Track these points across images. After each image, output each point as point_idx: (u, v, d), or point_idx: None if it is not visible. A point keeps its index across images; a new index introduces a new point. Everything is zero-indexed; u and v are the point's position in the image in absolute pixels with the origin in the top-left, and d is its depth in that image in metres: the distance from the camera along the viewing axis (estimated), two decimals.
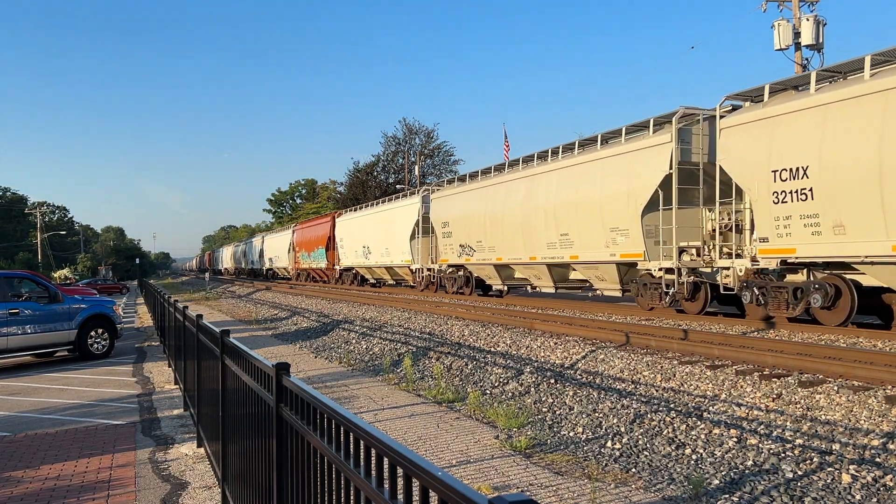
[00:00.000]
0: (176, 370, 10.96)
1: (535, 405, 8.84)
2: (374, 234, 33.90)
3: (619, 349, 10.71)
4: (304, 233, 50.27)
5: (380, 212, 34.22)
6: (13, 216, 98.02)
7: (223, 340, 4.80)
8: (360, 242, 36.33)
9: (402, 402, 9.31)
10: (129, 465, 6.78)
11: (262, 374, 3.46)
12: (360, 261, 36.56)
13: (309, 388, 2.65)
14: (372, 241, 34.25)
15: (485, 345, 12.94)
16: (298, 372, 12.04)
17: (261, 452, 3.55)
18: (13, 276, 15.87)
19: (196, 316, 6.83)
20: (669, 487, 5.64)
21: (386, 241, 32.57)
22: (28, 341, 14.39)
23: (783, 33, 23.98)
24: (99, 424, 8.68)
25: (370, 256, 34.83)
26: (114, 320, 15.92)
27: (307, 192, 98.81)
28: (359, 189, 66.84)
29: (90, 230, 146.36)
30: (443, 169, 66.61)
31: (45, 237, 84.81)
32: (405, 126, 68.96)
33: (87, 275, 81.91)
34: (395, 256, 31.81)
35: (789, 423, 6.74)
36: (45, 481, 6.29)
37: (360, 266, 37.11)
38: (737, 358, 9.27)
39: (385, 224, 32.76)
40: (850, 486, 5.26)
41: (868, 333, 11.34)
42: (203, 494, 5.82)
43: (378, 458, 1.94)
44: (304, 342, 17.05)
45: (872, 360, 8.34)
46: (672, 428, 7.12)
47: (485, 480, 5.86)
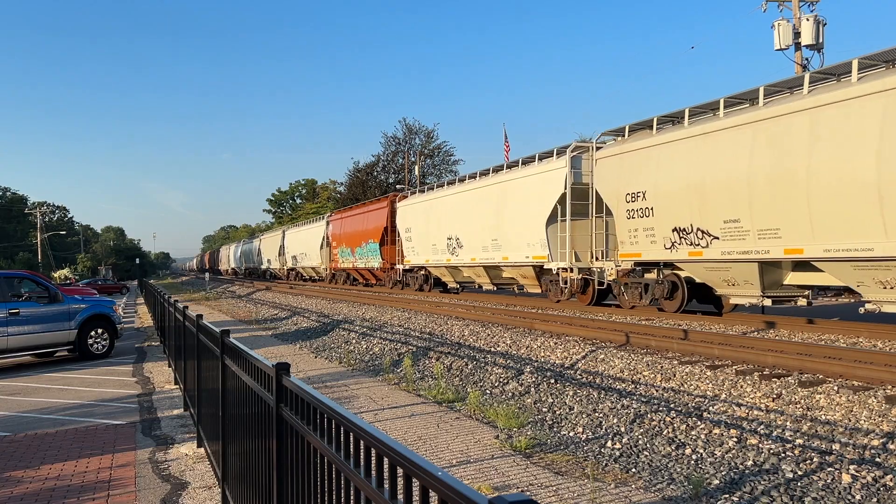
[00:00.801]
0: (176, 370, 10.96)
1: (535, 405, 8.83)
2: (472, 220, 24.78)
3: (619, 349, 10.71)
4: (347, 223, 40.47)
5: (483, 187, 24.49)
6: (13, 216, 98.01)
7: (223, 340, 4.79)
8: (441, 233, 27.31)
9: (402, 402, 9.31)
10: (129, 465, 6.78)
11: (262, 374, 3.46)
12: (441, 258, 27.48)
13: (309, 388, 2.65)
14: (467, 230, 25.15)
15: (485, 345, 12.94)
16: (298, 372, 12.04)
17: (261, 452, 3.55)
18: (13, 276, 15.87)
19: (196, 316, 6.83)
20: (669, 487, 5.64)
21: (496, 228, 23.12)
22: (28, 341, 14.39)
23: (783, 33, 23.99)
24: (99, 424, 8.68)
25: (460, 252, 25.89)
26: (114, 320, 15.92)
27: (307, 192, 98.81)
28: (359, 189, 66.85)
29: (90, 230, 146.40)
30: (443, 169, 66.66)
31: (45, 237, 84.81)
32: (405, 126, 69.02)
33: (87, 275, 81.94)
34: (515, 250, 22.17)
35: (789, 423, 6.74)
36: (45, 481, 6.29)
37: (440, 265, 27.85)
38: (737, 358, 9.27)
39: (493, 204, 23.42)
40: (850, 486, 5.26)
41: (868, 333, 11.35)
42: (203, 494, 5.82)
43: (378, 458, 1.94)
44: (304, 342, 17.05)
45: (872, 360, 8.34)
46: (672, 428, 7.12)
47: (485, 480, 5.86)
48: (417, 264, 30.43)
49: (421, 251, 30.01)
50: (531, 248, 20.98)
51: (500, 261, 22.93)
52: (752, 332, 12.40)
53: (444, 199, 27.90)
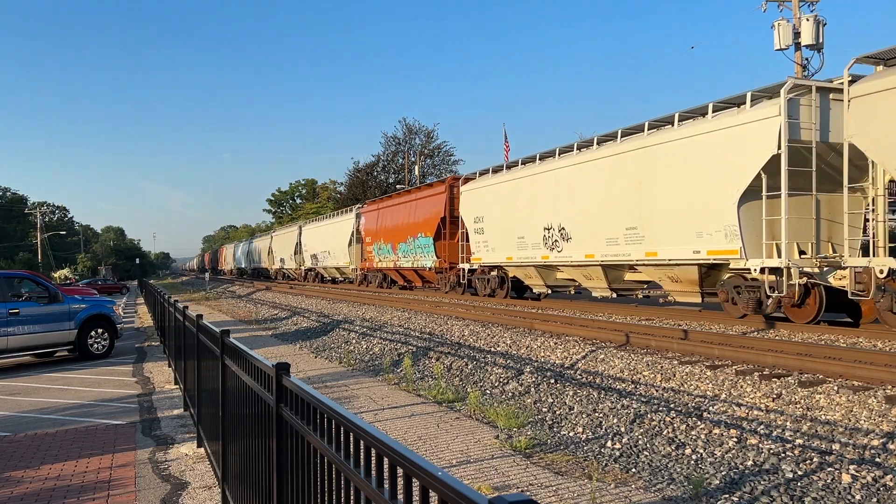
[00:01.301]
0: (176, 370, 10.96)
1: (535, 405, 8.83)
2: (589, 202, 17.91)
3: (619, 349, 10.71)
4: (387, 215, 33.16)
5: (611, 156, 17.31)
6: (13, 216, 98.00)
7: (223, 340, 4.80)
8: (533, 221, 20.63)
9: (402, 402, 9.31)
10: (129, 465, 6.78)
11: (262, 374, 3.46)
12: (532, 255, 20.88)
13: (309, 388, 2.65)
14: (579, 216, 18.49)
15: (485, 345, 12.94)
16: (298, 372, 12.04)
17: (261, 452, 3.55)
18: (13, 276, 15.87)
19: (196, 316, 6.84)
20: (669, 487, 5.64)
21: (633, 211, 16.33)
22: (28, 341, 14.39)
23: (783, 33, 23.99)
24: (99, 424, 8.68)
25: (565, 246, 19.25)
26: (114, 320, 15.92)
27: (307, 192, 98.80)
28: (359, 189, 66.85)
29: (90, 230, 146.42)
30: (443, 169, 66.63)
31: (45, 237, 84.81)
32: (405, 126, 69.01)
33: (87, 275, 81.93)
34: (670, 244, 15.29)
35: (789, 423, 6.74)
36: (45, 481, 6.29)
37: (528, 263, 21.29)
38: (737, 358, 9.27)
39: (630, 177, 16.46)
40: (850, 486, 5.26)
41: (868, 333, 11.34)
42: (203, 494, 5.82)
43: (378, 458, 1.94)
44: (304, 342, 17.05)
45: (872, 360, 8.34)
46: (672, 428, 7.12)
47: (485, 480, 5.86)
48: (491, 263, 23.40)
49: (498, 246, 22.43)
50: (705, 240, 14.11)
51: (640, 257, 16.05)
52: (752, 332, 12.40)
53: (540, 176, 20.30)
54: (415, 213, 30.03)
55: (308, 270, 49.74)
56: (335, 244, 41.63)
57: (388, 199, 35.14)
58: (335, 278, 45.69)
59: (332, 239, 42.30)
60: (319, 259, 45.31)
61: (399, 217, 31.70)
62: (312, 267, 47.53)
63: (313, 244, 46.70)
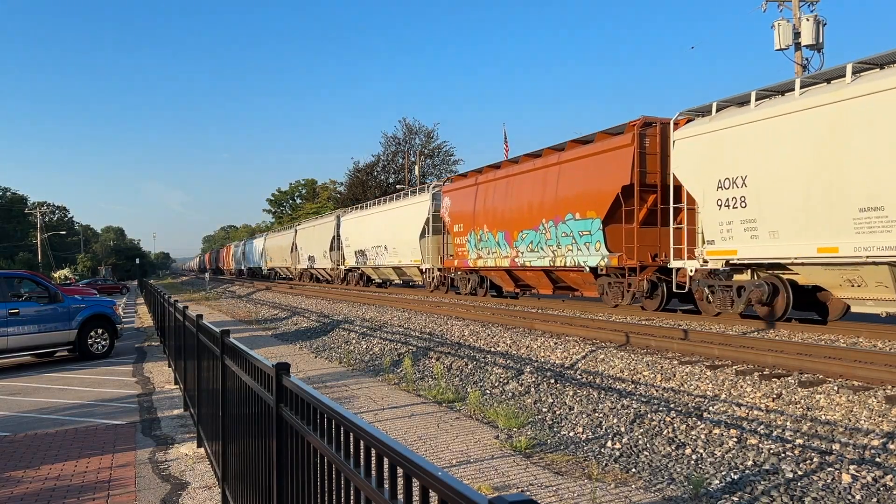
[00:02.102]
0: (176, 370, 10.96)
1: (535, 405, 8.83)
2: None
3: (619, 349, 10.71)
4: (499, 191, 22.84)
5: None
6: (13, 216, 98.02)
7: (223, 340, 4.80)
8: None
9: (402, 402, 9.31)
10: (129, 465, 6.78)
11: (262, 374, 3.46)
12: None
13: (309, 388, 2.65)
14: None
15: (485, 345, 12.94)
16: (298, 372, 12.04)
17: (261, 452, 3.55)
18: (13, 276, 15.88)
19: (196, 316, 6.84)
20: (669, 487, 5.64)
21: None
22: (28, 341, 14.39)
23: (783, 33, 24.00)
24: (99, 424, 8.68)
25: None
26: (114, 320, 15.92)
27: (307, 192, 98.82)
28: (359, 189, 66.87)
29: (90, 230, 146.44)
30: (443, 169, 66.65)
31: (45, 237, 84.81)
32: (405, 126, 69.05)
33: (87, 275, 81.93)
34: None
35: (789, 423, 6.74)
36: (45, 481, 6.29)
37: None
38: (737, 358, 9.27)
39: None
40: (850, 486, 5.26)
41: (868, 333, 11.35)
42: (203, 494, 5.82)
43: (378, 458, 1.94)
44: (304, 342, 17.05)
45: (872, 360, 8.34)
46: (672, 428, 7.12)
47: (485, 480, 5.86)
48: (769, 258, 12.87)
49: (790, 227, 12.31)
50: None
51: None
52: (752, 332, 12.40)
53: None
54: (557, 184, 19.41)
55: (350, 271, 40.53)
56: (395, 237, 31.92)
57: (495, 169, 23.59)
58: (388, 280, 36.77)
59: (390, 230, 32.54)
60: (369, 256, 35.96)
61: (520, 192, 21.21)
62: (356, 266, 38.48)
63: (359, 238, 37.31)
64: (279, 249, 57.86)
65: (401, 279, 34.46)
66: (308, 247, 48.34)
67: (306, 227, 51.01)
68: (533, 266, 20.51)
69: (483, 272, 24.60)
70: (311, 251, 47.34)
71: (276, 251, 59.45)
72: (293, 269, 54.02)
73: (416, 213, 29.95)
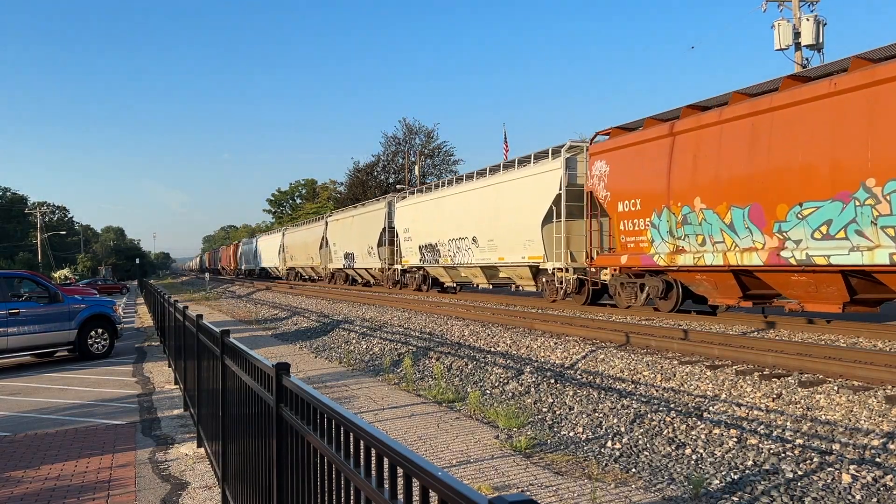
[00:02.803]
0: (176, 370, 10.96)
1: (535, 405, 8.83)
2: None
3: (619, 349, 10.71)
4: (733, 136, 13.10)
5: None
6: (13, 216, 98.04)
7: (223, 340, 4.80)
8: None
9: (402, 402, 9.31)
10: (129, 465, 6.78)
11: (262, 374, 3.46)
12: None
13: (309, 388, 2.65)
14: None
15: (485, 345, 12.94)
16: (298, 372, 12.04)
17: (261, 452, 3.55)
18: (13, 276, 15.89)
19: (196, 316, 6.84)
20: (669, 487, 5.64)
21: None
22: (28, 341, 14.39)
23: (783, 33, 24.00)
24: (99, 424, 8.68)
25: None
26: (114, 320, 15.92)
27: (307, 192, 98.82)
28: (359, 189, 66.89)
29: (90, 230, 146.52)
30: (443, 169, 66.69)
31: (45, 237, 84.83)
32: (405, 126, 69.06)
33: (87, 275, 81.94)
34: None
35: (789, 423, 6.74)
36: (45, 481, 6.29)
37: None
38: (737, 358, 9.27)
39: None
40: (850, 486, 5.26)
41: (868, 333, 11.34)
42: (203, 494, 5.82)
43: (378, 458, 1.94)
44: (304, 342, 17.05)
45: (872, 360, 8.34)
46: (672, 428, 7.12)
47: (485, 480, 5.86)
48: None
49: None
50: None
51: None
52: (752, 332, 12.40)
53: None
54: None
55: (407, 272, 31.78)
56: (494, 224, 23.15)
57: (701, 111, 14.55)
58: (466, 284, 27.92)
59: (484, 215, 23.94)
60: (443, 252, 26.96)
61: (790, 142, 12.04)
62: (419, 265, 29.58)
63: (427, 229, 28.51)
64: (303, 246, 48.61)
65: (490, 282, 25.18)
66: (344, 243, 38.51)
67: (344, 217, 40.49)
68: (833, 264, 11.28)
69: (682, 274, 15.21)
70: (350, 247, 37.48)
71: (298, 248, 50.18)
72: (322, 270, 44.74)
73: (537, 188, 20.68)
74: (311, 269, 48.34)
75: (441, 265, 27.51)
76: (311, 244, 46.65)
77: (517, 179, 22.20)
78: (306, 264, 48.98)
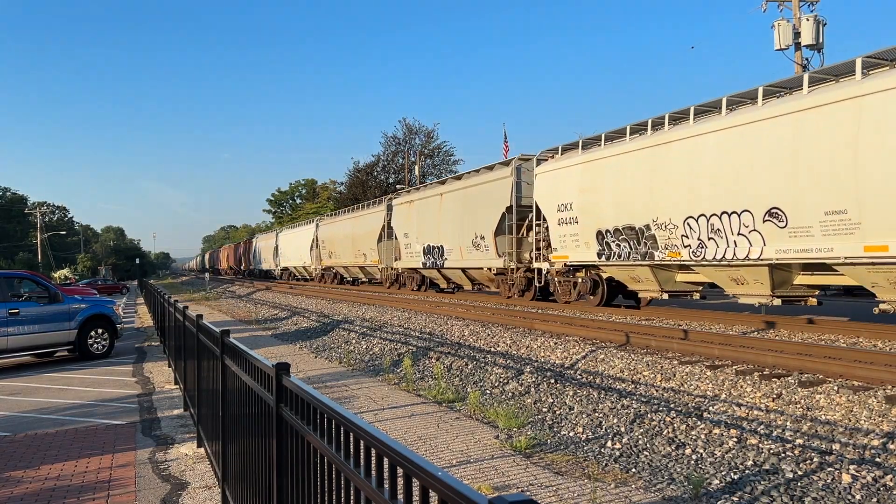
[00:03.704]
0: (176, 370, 10.95)
1: (535, 405, 8.83)
2: None
3: (619, 349, 10.71)
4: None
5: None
6: (13, 216, 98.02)
7: (223, 340, 4.79)
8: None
9: (402, 402, 9.30)
10: (129, 465, 6.77)
11: (262, 374, 3.46)
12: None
13: (309, 388, 2.65)
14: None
15: (485, 345, 12.94)
16: (298, 372, 12.04)
17: (261, 452, 3.55)
18: (13, 276, 15.88)
19: (196, 316, 6.83)
20: (669, 487, 5.64)
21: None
22: (28, 341, 14.39)
23: (783, 33, 23.99)
24: (99, 424, 8.68)
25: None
26: (114, 320, 15.92)
27: (307, 192, 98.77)
28: (359, 189, 66.85)
29: (90, 230, 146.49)
30: (443, 169, 66.64)
31: (45, 237, 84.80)
32: (405, 126, 69.00)
33: (87, 275, 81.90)
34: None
35: (789, 423, 6.74)
36: (45, 481, 6.29)
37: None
38: (737, 358, 9.27)
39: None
40: (850, 486, 5.26)
41: (868, 333, 11.34)
42: (203, 494, 5.81)
43: (378, 458, 1.94)
44: (304, 342, 17.05)
45: (872, 360, 8.34)
46: (672, 428, 7.12)
47: (485, 480, 5.86)
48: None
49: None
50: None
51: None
52: (752, 332, 12.40)
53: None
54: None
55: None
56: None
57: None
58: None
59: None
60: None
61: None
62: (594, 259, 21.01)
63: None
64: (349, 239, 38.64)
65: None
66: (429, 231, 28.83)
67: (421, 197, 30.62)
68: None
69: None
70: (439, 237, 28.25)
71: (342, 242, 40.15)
72: (380, 270, 35.30)
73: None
74: (360, 269, 37.63)
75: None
76: (365, 236, 35.23)
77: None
78: (355, 262, 37.43)
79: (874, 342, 10.64)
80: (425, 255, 28.42)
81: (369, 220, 35.96)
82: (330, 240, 42.49)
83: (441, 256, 27.06)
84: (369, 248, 35.26)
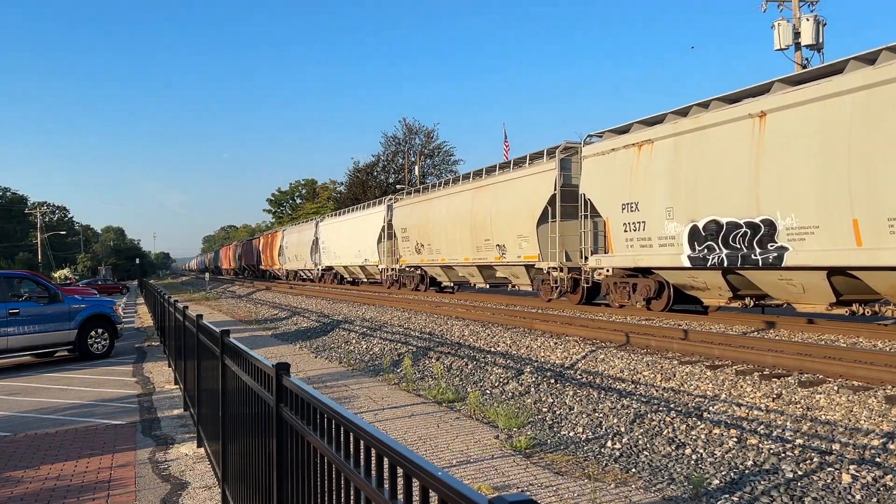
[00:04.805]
0: (176, 370, 10.95)
1: (535, 405, 8.83)
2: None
3: (619, 349, 10.70)
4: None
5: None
6: (13, 216, 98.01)
7: (223, 340, 4.79)
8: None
9: (402, 402, 9.30)
10: (129, 465, 6.78)
11: (262, 374, 3.46)
12: None
13: (309, 388, 2.65)
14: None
15: (485, 345, 12.94)
16: (298, 372, 12.04)
17: (261, 452, 3.55)
18: (13, 276, 15.87)
19: (196, 316, 6.83)
20: (669, 487, 5.64)
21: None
22: (28, 341, 14.39)
23: (783, 33, 23.99)
24: (99, 424, 8.68)
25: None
26: (114, 320, 15.92)
27: (307, 192, 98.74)
28: (359, 189, 66.85)
29: (90, 230, 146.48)
30: (443, 169, 66.67)
31: (45, 237, 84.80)
32: (405, 126, 69.00)
33: (87, 275, 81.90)
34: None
35: (789, 423, 6.74)
36: (45, 481, 6.29)
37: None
38: (737, 358, 9.26)
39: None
40: (850, 486, 5.26)
41: (868, 333, 11.34)
42: (203, 494, 5.81)
43: (378, 458, 1.94)
44: (304, 342, 17.05)
45: (872, 360, 8.34)
46: (672, 428, 7.12)
47: (485, 480, 5.86)
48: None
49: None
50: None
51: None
52: (752, 332, 12.40)
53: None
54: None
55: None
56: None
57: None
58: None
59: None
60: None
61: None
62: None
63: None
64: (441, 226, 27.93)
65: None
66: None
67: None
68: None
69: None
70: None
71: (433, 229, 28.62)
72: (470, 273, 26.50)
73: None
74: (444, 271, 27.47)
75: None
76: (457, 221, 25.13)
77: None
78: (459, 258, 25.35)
79: (874, 342, 10.64)
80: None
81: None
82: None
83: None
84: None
